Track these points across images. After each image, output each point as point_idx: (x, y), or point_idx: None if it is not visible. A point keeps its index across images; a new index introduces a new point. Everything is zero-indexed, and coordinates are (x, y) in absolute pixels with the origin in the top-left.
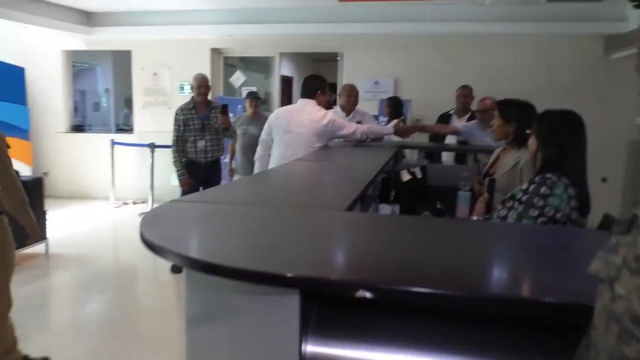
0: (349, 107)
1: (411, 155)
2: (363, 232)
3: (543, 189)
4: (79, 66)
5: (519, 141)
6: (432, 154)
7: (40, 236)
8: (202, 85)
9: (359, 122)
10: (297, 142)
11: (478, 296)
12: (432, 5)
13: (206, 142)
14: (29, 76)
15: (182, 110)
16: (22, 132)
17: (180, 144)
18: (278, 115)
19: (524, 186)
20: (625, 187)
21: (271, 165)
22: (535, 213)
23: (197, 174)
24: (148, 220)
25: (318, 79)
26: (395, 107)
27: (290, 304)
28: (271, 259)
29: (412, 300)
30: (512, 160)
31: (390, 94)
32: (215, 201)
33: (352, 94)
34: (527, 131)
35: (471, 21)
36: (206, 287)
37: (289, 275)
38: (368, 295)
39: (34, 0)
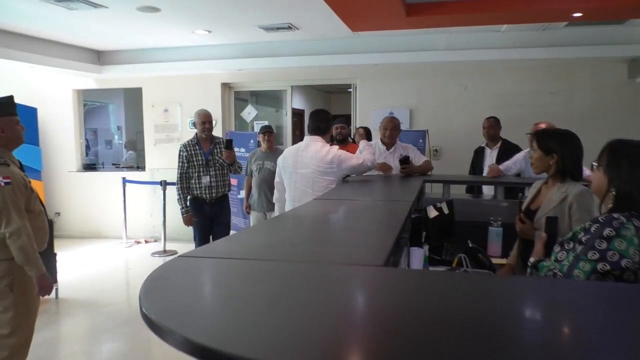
0: (387, 141)
1: (430, 189)
2: (412, 300)
3: (607, 230)
4: (91, 104)
5: (563, 174)
6: (472, 188)
7: (50, 281)
8: (206, 121)
9: (407, 156)
10: (304, 184)
11: None
12: (446, 33)
13: (211, 177)
14: (41, 116)
15: (186, 147)
16: (35, 173)
17: (184, 181)
18: (285, 156)
19: (587, 225)
20: None
21: (286, 209)
22: (595, 256)
23: (204, 210)
24: (149, 287)
25: (328, 114)
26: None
27: None
28: (308, 347)
29: None
30: (559, 195)
31: (407, 125)
32: (229, 256)
33: (388, 126)
34: (593, 163)
35: (486, 48)
36: None
37: None
38: None
39: (44, 41)
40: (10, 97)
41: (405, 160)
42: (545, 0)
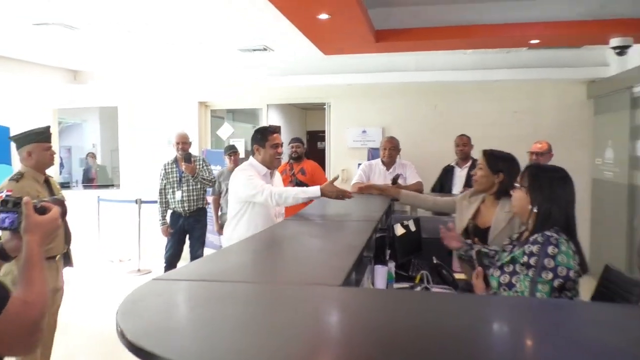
0: (386, 160)
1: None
2: (363, 319)
3: (550, 248)
4: (65, 123)
5: (500, 193)
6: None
7: None
8: (179, 142)
9: (398, 175)
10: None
11: None
12: (416, 55)
13: (183, 192)
14: None
15: (164, 165)
16: None
17: (163, 196)
18: None
19: (527, 249)
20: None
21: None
22: (549, 276)
23: (179, 224)
24: (126, 309)
25: (257, 132)
26: None
27: None
28: None
29: None
30: (504, 215)
31: (379, 143)
32: (203, 278)
33: (386, 146)
34: (516, 185)
35: (454, 70)
36: None
37: None
38: None
39: (19, 60)
40: (47, 128)
41: (394, 180)
42: (503, 28)
